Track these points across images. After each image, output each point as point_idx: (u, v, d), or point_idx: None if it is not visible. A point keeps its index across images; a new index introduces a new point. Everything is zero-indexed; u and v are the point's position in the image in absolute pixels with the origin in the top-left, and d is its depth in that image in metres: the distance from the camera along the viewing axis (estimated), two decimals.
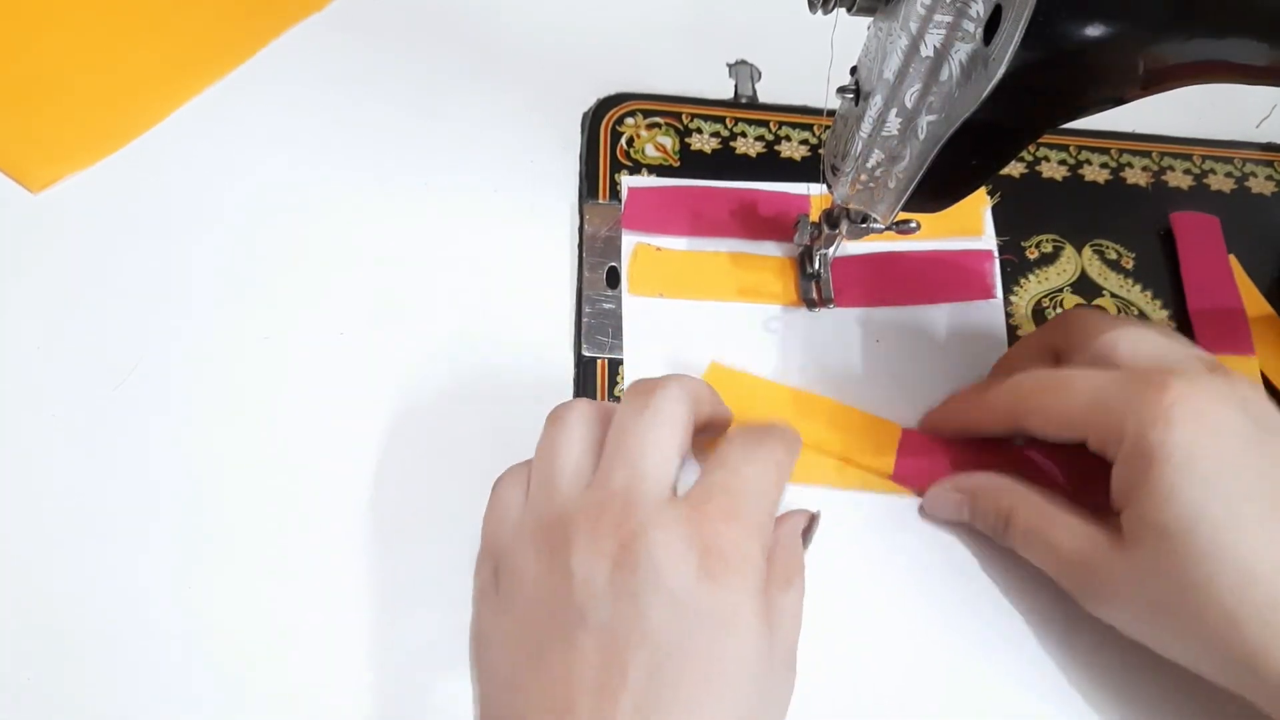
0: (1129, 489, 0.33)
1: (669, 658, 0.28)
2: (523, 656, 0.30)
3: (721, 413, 0.36)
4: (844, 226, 0.40)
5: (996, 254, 0.46)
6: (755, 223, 0.46)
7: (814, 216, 0.43)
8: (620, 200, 0.45)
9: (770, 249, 0.45)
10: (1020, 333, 0.44)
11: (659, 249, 0.45)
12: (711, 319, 0.43)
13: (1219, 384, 0.33)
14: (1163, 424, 0.32)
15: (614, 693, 0.28)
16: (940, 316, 0.44)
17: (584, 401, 0.34)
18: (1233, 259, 0.47)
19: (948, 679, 0.37)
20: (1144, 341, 0.35)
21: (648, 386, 0.33)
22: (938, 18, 0.30)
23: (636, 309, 0.43)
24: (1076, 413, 0.35)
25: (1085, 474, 0.36)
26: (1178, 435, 0.32)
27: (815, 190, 0.46)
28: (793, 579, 0.32)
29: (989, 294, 0.45)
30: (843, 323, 0.44)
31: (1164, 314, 0.45)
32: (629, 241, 0.45)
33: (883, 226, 0.38)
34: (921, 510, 0.39)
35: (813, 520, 0.35)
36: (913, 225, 0.40)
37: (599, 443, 0.33)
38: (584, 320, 0.42)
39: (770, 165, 0.48)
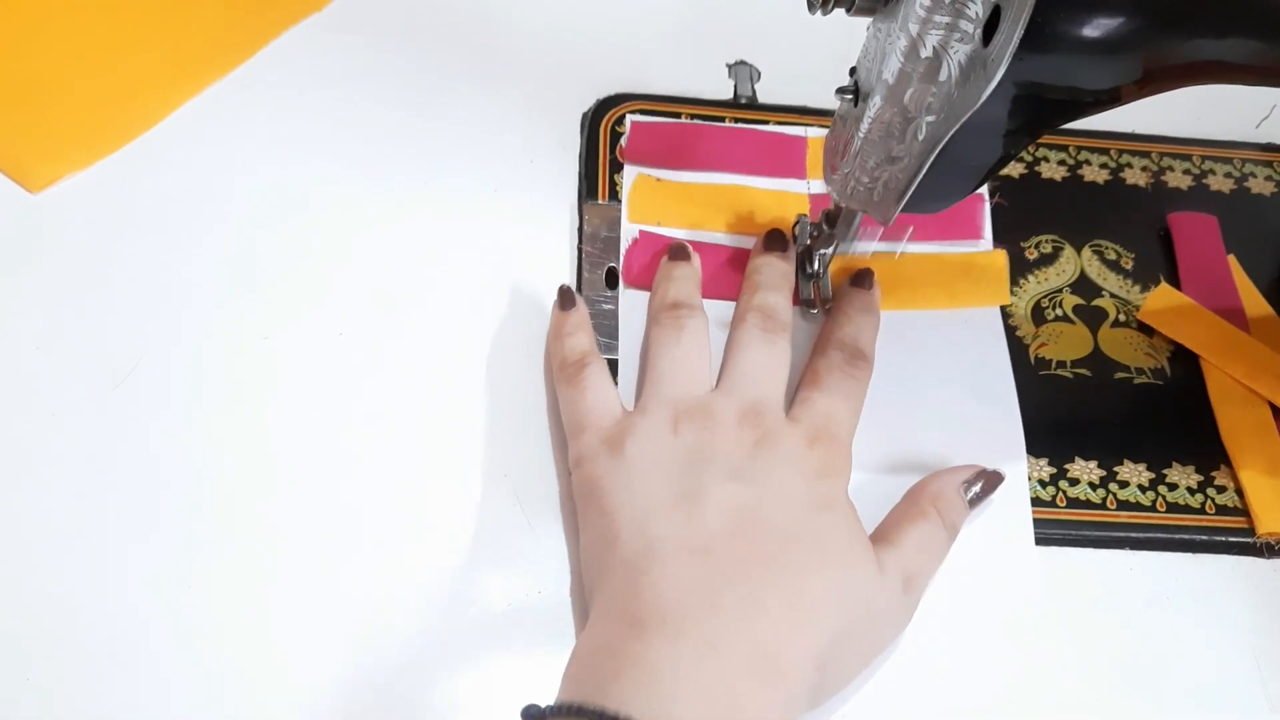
0: None
1: (791, 525, 0.34)
2: (652, 498, 0.35)
3: None
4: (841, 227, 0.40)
5: (988, 199, 0.46)
6: (755, 159, 0.47)
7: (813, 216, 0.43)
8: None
9: (770, 184, 0.46)
10: (1019, 334, 0.44)
11: (659, 180, 0.46)
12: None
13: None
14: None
15: (742, 539, 0.34)
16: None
17: (697, 312, 0.41)
18: (1232, 259, 0.47)
19: None
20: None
21: (769, 323, 0.40)
22: (937, 19, 0.30)
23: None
24: None
25: None
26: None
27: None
28: (927, 513, 0.37)
29: (977, 235, 0.45)
30: None
31: None
32: (630, 173, 0.46)
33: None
34: None
35: (987, 477, 0.39)
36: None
37: (709, 348, 0.40)
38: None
39: None
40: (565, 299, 0.41)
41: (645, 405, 0.38)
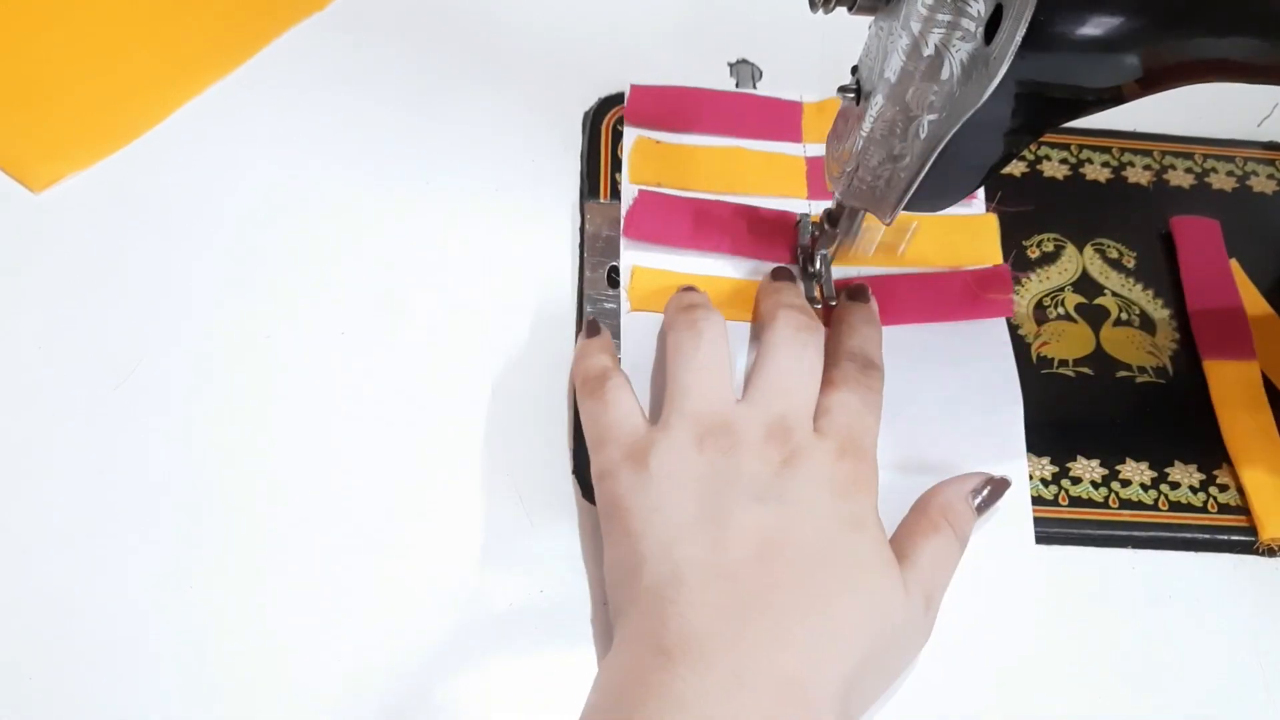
0: None
1: (819, 548, 0.34)
2: (676, 520, 0.34)
3: None
4: (843, 225, 0.40)
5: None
6: (753, 123, 0.48)
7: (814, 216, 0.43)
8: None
9: (767, 146, 0.47)
10: (1021, 333, 0.44)
11: (658, 142, 0.47)
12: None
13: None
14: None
15: (770, 563, 0.33)
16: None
17: (713, 316, 0.39)
18: (1233, 262, 0.46)
19: None
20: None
21: (803, 322, 0.39)
22: (939, 17, 0.30)
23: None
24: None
25: None
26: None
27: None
28: (939, 526, 0.37)
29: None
30: None
31: (1166, 313, 0.45)
32: (630, 135, 0.47)
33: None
34: None
35: (993, 485, 0.38)
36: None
37: (729, 353, 0.39)
38: (585, 319, 0.42)
39: None
40: (590, 329, 0.41)
41: (668, 420, 0.37)
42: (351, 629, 0.36)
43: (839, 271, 0.44)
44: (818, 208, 0.46)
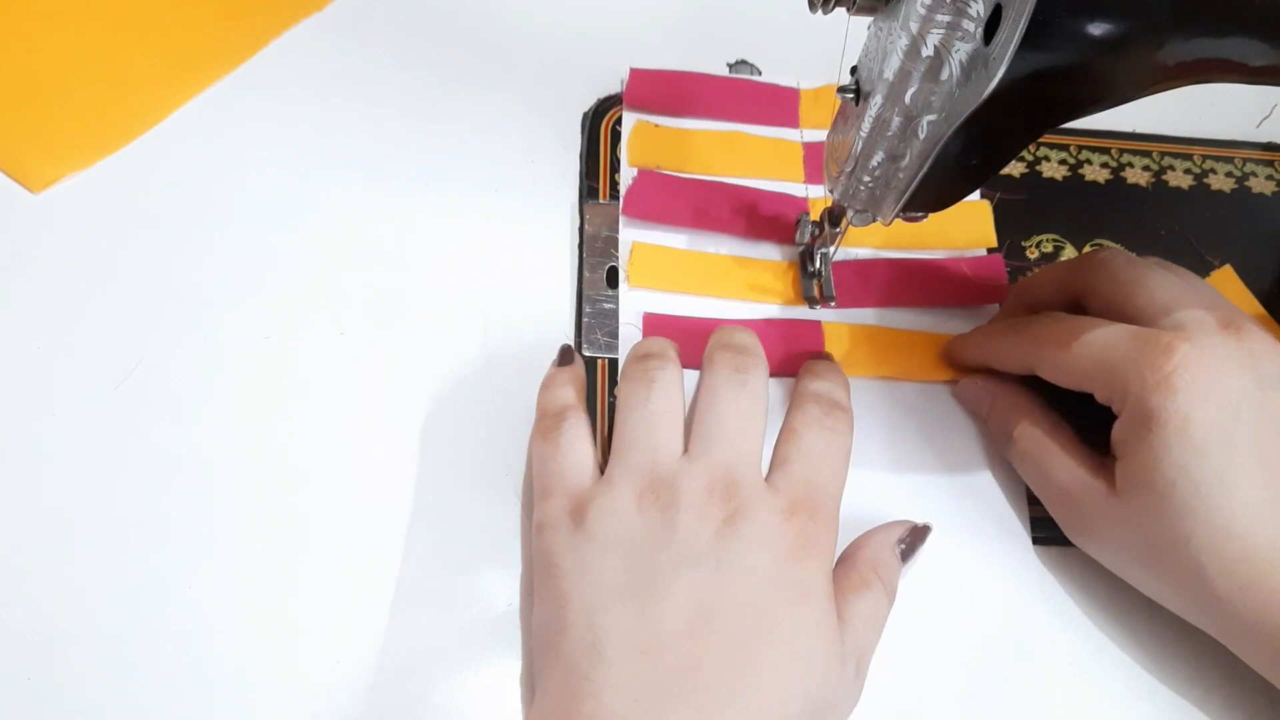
0: (1127, 444, 0.34)
1: (755, 619, 0.32)
2: (605, 585, 0.32)
3: None
4: (845, 223, 0.40)
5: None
6: (751, 108, 0.48)
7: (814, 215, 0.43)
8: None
9: (765, 131, 0.48)
10: None
11: (657, 125, 0.47)
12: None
13: (1227, 345, 0.34)
14: (1164, 390, 0.33)
15: (700, 637, 0.31)
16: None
17: (669, 363, 0.37)
18: (1228, 268, 0.46)
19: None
20: (1161, 291, 0.36)
21: (741, 361, 0.37)
22: (938, 17, 0.30)
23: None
24: (1085, 368, 0.36)
25: (1094, 414, 0.37)
26: (1176, 402, 0.33)
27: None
28: (870, 582, 0.35)
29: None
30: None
31: None
32: (629, 118, 0.47)
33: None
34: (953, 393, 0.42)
35: (915, 533, 0.37)
36: (920, 215, 0.39)
37: (684, 405, 0.37)
38: (584, 320, 0.42)
39: None
40: (563, 356, 0.40)
41: (610, 474, 0.35)
42: (351, 628, 0.36)
43: (839, 254, 0.44)
44: (815, 192, 0.47)
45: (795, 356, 0.42)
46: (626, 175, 0.46)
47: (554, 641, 0.33)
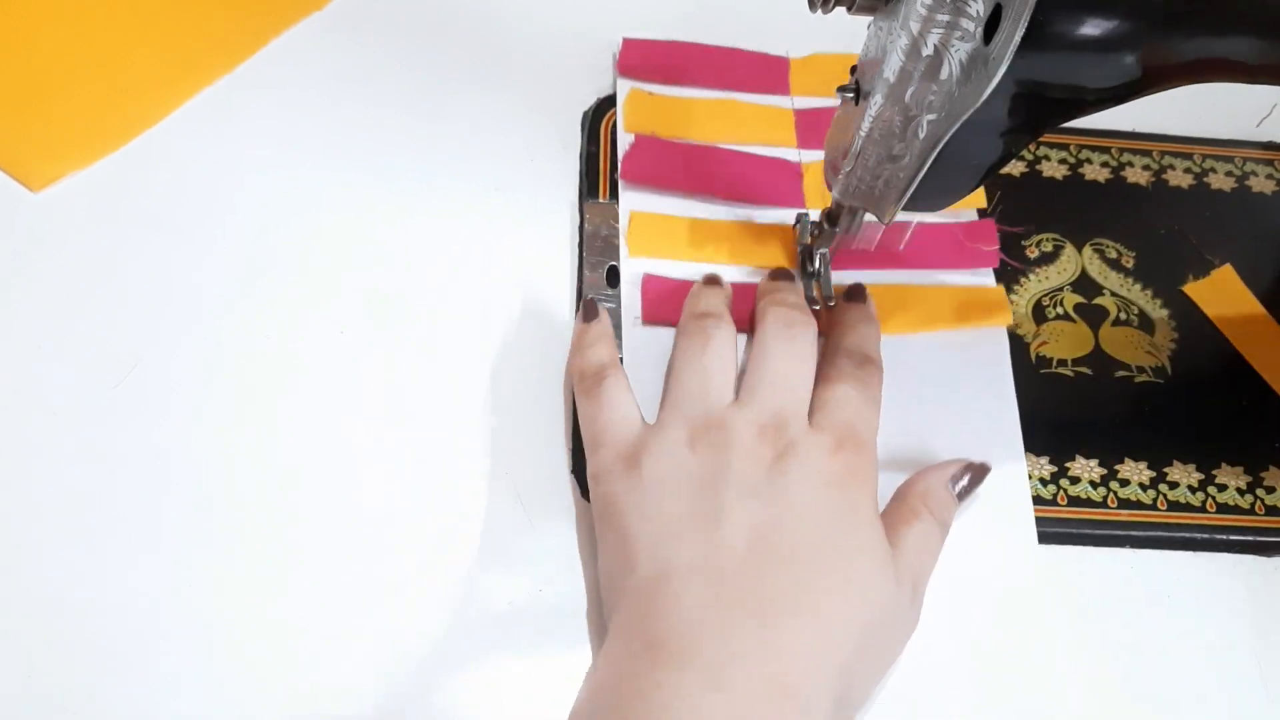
0: None
1: (810, 544, 0.33)
2: (668, 521, 0.34)
3: None
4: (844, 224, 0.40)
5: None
6: (743, 76, 0.49)
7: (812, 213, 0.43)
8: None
9: (757, 99, 0.49)
10: (1020, 333, 0.44)
11: (651, 94, 0.48)
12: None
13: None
14: None
15: (761, 561, 0.33)
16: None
17: (723, 320, 0.39)
18: (1228, 267, 0.46)
19: None
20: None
21: (790, 316, 0.39)
22: (938, 17, 0.30)
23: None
24: None
25: None
26: None
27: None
28: (919, 513, 0.37)
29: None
30: None
31: (1165, 312, 0.45)
32: (623, 86, 0.48)
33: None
34: None
35: (973, 470, 0.38)
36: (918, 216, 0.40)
37: (734, 360, 0.39)
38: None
39: None
40: (589, 310, 0.41)
41: (664, 420, 0.37)
42: (351, 628, 0.36)
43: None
44: (808, 156, 0.47)
45: None
46: (624, 141, 0.46)
47: (624, 574, 0.34)
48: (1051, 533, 0.40)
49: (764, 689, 0.31)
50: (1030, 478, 0.41)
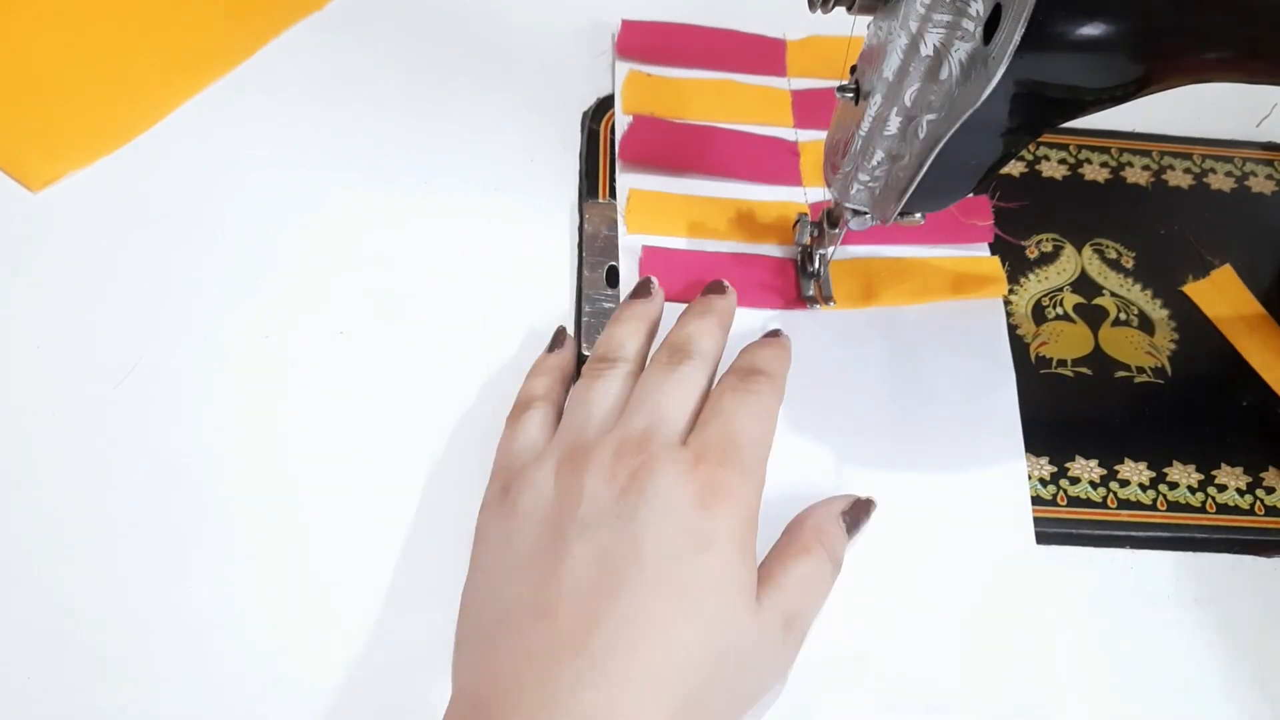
0: None
1: (654, 571, 0.31)
2: (516, 555, 0.33)
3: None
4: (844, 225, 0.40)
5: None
6: (740, 57, 0.50)
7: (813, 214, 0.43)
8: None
9: (754, 80, 0.49)
10: (1020, 333, 0.44)
11: (649, 75, 0.49)
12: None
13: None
14: None
15: (597, 599, 0.31)
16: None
17: (623, 363, 0.37)
18: (1228, 267, 0.46)
19: None
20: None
21: (681, 353, 0.37)
22: (937, 17, 0.30)
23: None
24: None
25: None
26: None
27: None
28: (811, 549, 0.35)
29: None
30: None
31: (1164, 313, 0.45)
32: (622, 68, 0.49)
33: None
34: None
35: (858, 506, 0.37)
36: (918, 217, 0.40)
37: (625, 394, 0.37)
38: (584, 319, 0.42)
39: None
40: (555, 340, 0.41)
41: (543, 452, 0.36)
42: (351, 628, 0.36)
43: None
44: (805, 136, 0.48)
45: (786, 290, 0.44)
46: (622, 122, 0.47)
47: (467, 614, 0.34)
48: (1051, 533, 0.40)
49: None
50: (1030, 478, 0.41)
